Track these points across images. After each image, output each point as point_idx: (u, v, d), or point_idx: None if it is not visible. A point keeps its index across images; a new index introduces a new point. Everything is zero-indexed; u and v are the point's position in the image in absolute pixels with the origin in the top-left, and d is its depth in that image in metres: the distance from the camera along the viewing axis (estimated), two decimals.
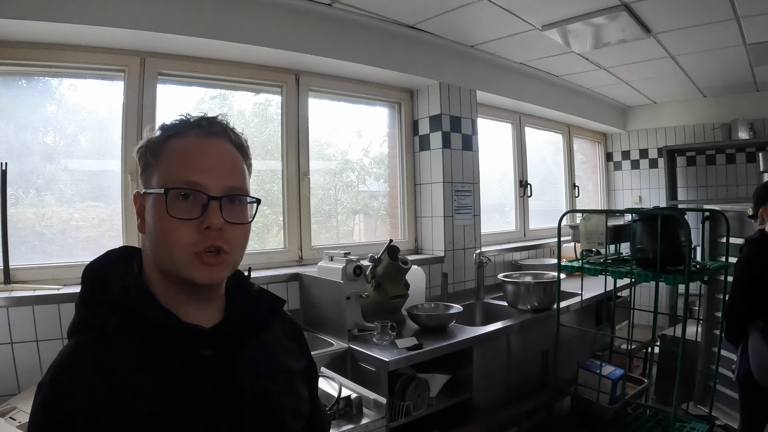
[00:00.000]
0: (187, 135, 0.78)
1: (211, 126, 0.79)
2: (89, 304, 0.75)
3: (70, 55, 2.07)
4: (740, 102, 4.38)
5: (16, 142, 2.04)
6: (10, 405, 1.64)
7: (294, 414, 0.84)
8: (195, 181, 0.74)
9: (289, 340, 0.93)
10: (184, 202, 0.74)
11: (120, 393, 0.67)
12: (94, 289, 0.76)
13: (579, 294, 2.69)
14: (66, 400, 0.65)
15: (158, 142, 0.78)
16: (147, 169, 0.79)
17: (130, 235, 2.20)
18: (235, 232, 0.77)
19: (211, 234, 0.74)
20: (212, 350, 0.75)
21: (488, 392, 2.31)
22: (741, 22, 2.76)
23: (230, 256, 0.77)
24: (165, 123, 0.80)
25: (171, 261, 0.74)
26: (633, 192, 5.10)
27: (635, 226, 2.33)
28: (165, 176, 0.75)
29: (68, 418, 0.64)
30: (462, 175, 3.21)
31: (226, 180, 0.76)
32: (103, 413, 0.65)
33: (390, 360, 1.89)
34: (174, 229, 0.73)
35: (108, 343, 0.71)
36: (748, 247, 2.26)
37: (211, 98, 2.59)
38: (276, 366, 0.86)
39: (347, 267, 2.16)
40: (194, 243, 0.73)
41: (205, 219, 0.73)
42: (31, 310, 1.82)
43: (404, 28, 2.84)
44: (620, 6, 2.53)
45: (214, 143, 0.78)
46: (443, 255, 3.09)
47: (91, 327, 0.73)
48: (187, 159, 0.76)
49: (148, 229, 0.77)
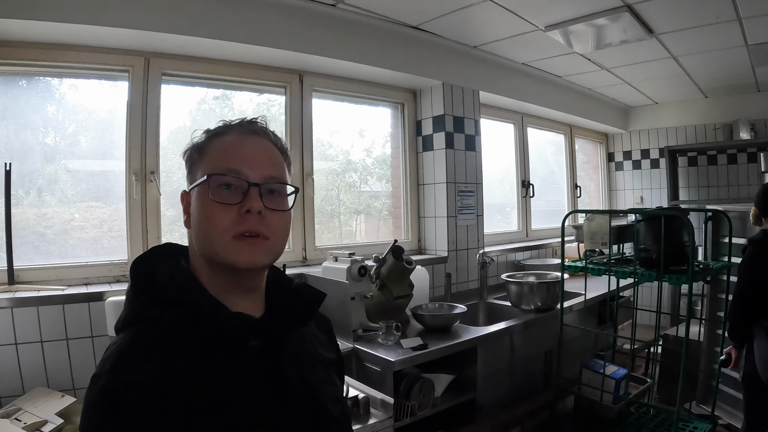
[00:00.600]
0: (229, 133, 0.83)
1: (251, 124, 0.84)
2: (141, 297, 0.78)
3: (74, 56, 2.07)
4: (742, 102, 4.38)
5: (17, 142, 2.04)
6: (15, 406, 1.64)
7: (333, 400, 0.88)
8: (235, 168, 0.78)
9: (322, 333, 0.97)
10: (226, 190, 0.77)
11: (174, 381, 0.69)
12: (145, 283, 0.79)
13: (581, 294, 2.69)
14: (125, 388, 0.66)
15: (204, 142, 0.83)
16: (193, 168, 0.83)
17: (134, 235, 2.20)
18: (275, 218, 0.79)
19: (251, 218, 0.76)
20: (259, 340, 0.78)
21: (492, 392, 2.31)
22: (743, 23, 2.76)
23: (270, 242, 0.79)
24: (209, 128, 0.85)
25: (212, 246, 0.77)
26: (634, 192, 5.10)
27: (638, 227, 2.34)
28: (208, 168, 0.79)
29: (127, 405, 0.65)
30: (465, 176, 3.21)
31: (266, 170, 0.80)
32: (159, 401, 0.67)
33: (395, 360, 1.89)
34: (214, 214, 0.76)
35: (161, 334, 0.73)
36: (752, 248, 2.26)
37: (214, 98, 2.59)
38: (314, 356, 0.90)
39: (352, 267, 2.17)
40: (234, 226, 0.76)
41: (246, 203, 0.76)
42: (35, 310, 1.82)
43: (408, 29, 2.85)
44: (623, 7, 2.53)
45: (254, 139, 0.83)
46: (446, 255, 3.10)
47: (145, 319, 0.75)
48: (229, 151, 0.80)
49: (193, 221, 0.80)
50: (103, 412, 0.66)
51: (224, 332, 0.75)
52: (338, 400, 0.91)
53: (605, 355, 2.71)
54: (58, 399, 1.67)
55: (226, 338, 0.75)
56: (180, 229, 2.41)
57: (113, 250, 2.21)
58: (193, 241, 0.82)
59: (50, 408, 1.62)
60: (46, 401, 1.66)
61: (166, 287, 0.77)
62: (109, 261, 2.16)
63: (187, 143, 0.86)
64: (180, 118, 2.46)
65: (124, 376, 0.68)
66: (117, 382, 0.67)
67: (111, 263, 2.16)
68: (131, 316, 0.77)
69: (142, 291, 0.78)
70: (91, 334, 1.91)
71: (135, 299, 0.78)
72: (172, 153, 2.42)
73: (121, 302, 1.85)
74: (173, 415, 0.67)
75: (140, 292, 0.78)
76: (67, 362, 1.86)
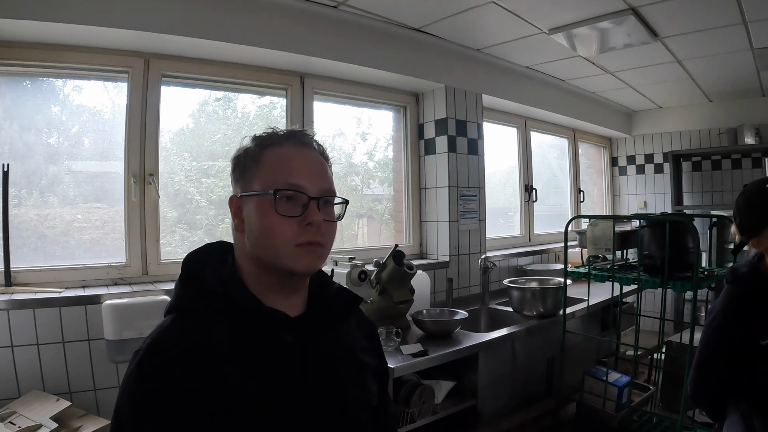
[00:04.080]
0: (284, 144, 0.88)
1: (303, 137, 0.90)
2: (186, 287, 0.86)
3: (74, 56, 2.06)
4: (746, 107, 4.35)
5: (20, 142, 2.03)
6: (9, 409, 1.62)
7: (361, 405, 0.92)
8: (297, 183, 0.84)
9: (364, 338, 1.02)
10: (288, 202, 0.84)
11: (207, 366, 0.76)
12: (191, 274, 0.87)
13: (584, 300, 2.67)
14: (159, 368, 0.75)
15: (257, 151, 0.88)
16: (246, 175, 0.88)
17: (132, 237, 2.19)
18: (329, 228, 0.87)
19: (311, 229, 0.84)
20: (293, 337, 0.85)
21: (493, 399, 2.29)
22: (749, 27, 2.74)
23: (325, 248, 0.87)
24: (257, 134, 0.91)
25: (274, 253, 0.83)
26: (638, 197, 5.08)
27: (643, 232, 2.31)
28: (269, 180, 0.85)
29: (159, 383, 0.74)
30: (467, 180, 3.19)
31: (321, 183, 0.87)
32: (190, 383, 0.75)
33: (395, 367, 1.86)
34: (279, 225, 0.82)
35: (200, 322, 0.81)
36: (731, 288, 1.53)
37: (216, 100, 2.57)
38: (349, 359, 0.94)
39: (352, 272, 2.14)
40: (297, 236, 0.83)
41: (308, 216, 0.83)
42: (32, 313, 1.81)
43: (410, 31, 2.83)
44: (628, 10, 2.51)
45: (307, 152, 0.89)
46: (448, 260, 3.07)
47: (186, 307, 0.84)
48: (289, 165, 0.86)
49: (250, 227, 0.86)
50: (138, 383, 0.75)
51: (257, 325, 0.82)
52: (367, 405, 0.94)
53: (608, 362, 2.67)
54: (54, 403, 1.66)
55: (259, 331, 0.82)
56: (181, 231, 2.40)
57: (115, 251, 2.20)
58: (246, 245, 0.87)
59: (45, 412, 1.60)
60: (41, 405, 1.64)
61: (209, 280, 0.85)
62: (107, 263, 2.15)
63: (238, 148, 0.91)
64: (182, 120, 2.45)
65: (157, 358, 0.76)
66: (150, 362, 0.76)
67: (109, 266, 2.14)
68: (174, 304, 0.86)
69: (188, 282, 0.87)
70: (88, 337, 1.89)
71: (181, 289, 0.87)
72: (174, 154, 2.41)
73: (117, 306, 1.85)
74: (198, 395, 0.74)
75: (186, 283, 0.87)
76: (63, 365, 1.85)
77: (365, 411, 0.93)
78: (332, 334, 0.92)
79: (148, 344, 0.79)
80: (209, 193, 2.47)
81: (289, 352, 0.84)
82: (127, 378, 0.77)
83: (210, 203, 2.47)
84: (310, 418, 0.82)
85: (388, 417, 1.05)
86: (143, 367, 0.76)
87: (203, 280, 0.85)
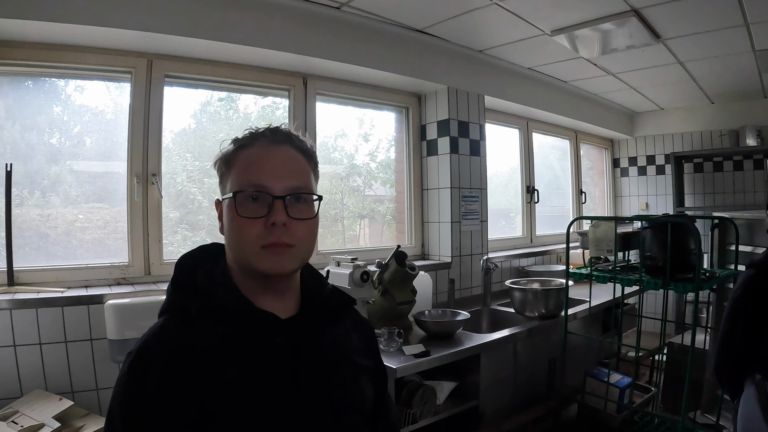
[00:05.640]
0: (253, 145, 0.87)
1: (274, 134, 0.89)
2: (177, 288, 0.86)
3: (77, 56, 2.07)
4: (748, 109, 4.35)
5: (22, 142, 2.03)
6: (12, 409, 1.62)
7: (354, 407, 0.91)
8: (260, 183, 0.83)
9: (359, 340, 1.00)
10: (253, 203, 0.83)
11: (197, 367, 0.77)
12: (183, 275, 0.87)
13: (586, 301, 2.66)
14: (149, 368, 0.76)
15: (230, 153, 0.88)
16: (223, 179, 0.90)
17: (134, 237, 2.19)
18: (300, 227, 0.85)
19: (277, 229, 0.82)
20: (285, 339, 0.84)
21: (495, 400, 2.28)
22: (751, 29, 2.74)
23: (296, 248, 0.84)
24: (237, 137, 0.90)
25: (243, 255, 0.83)
26: (640, 198, 5.07)
27: (645, 234, 2.31)
28: (236, 182, 0.85)
29: (148, 386, 0.75)
30: (470, 181, 3.19)
31: (289, 181, 0.85)
32: (179, 385, 0.75)
33: (397, 367, 1.86)
34: (244, 227, 0.82)
35: (191, 323, 0.81)
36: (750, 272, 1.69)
37: (218, 100, 2.58)
38: (343, 361, 0.93)
39: (354, 272, 2.14)
40: (261, 237, 0.82)
41: (271, 216, 0.82)
42: (34, 312, 1.81)
43: (413, 32, 2.83)
44: (630, 11, 2.51)
45: (278, 149, 0.87)
46: (450, 261, 3.07)
47: (177, 308, 0.84)
48: (254, 165, 0.85)
49: (225, 230, 0.87)
50: (128, 385, 0.76)
51: (248, 327, 0.82)
52: (360, 408, 0.93)
53: (609, 363, 2.67)
54: (56, 402, 1.66)
55: (250, 333, 0.82)
56: (183, 231, 2.41)
57: (117, 251, 2.20)
58: (227, 248, 0.89)
59: (47, 411, 1.61)
60: (44, 404, 1.65)
61: (200, 282, 0.85)
62: (110, 263, 2.15)
63: (217, 153, 0.91)
64: (184, 120, 2.46)
65: (146, 358, 0.77)
66: (140, 363, 0.77)
67: (111, 266, 2.15)
68: (166, 306, 0.86)
69: (180, 283, 0.87)
70: (90, 337, 1.89)
71: (173, 290, 0.87)
72: (177, 155, 2.41)
73: (120, 305, 1.85)
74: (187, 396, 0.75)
75: (178, 285, 0.87)
76: (65, 365, 1.85)
77: (359, 413, 0.92)
78: (326, 336, 0.91)
79: (139, 347, 0.79)
80: (211, 194, 2.47)
81: (280, 353, 0.83)
82: (118, 380, 0.78)
83: (212, 204, 2.47)
84: (299, 418, 0.81)
85: (391, 423, 1.03)
86: (133, 370, 0.77)
87: (194, 281, 0.86)
